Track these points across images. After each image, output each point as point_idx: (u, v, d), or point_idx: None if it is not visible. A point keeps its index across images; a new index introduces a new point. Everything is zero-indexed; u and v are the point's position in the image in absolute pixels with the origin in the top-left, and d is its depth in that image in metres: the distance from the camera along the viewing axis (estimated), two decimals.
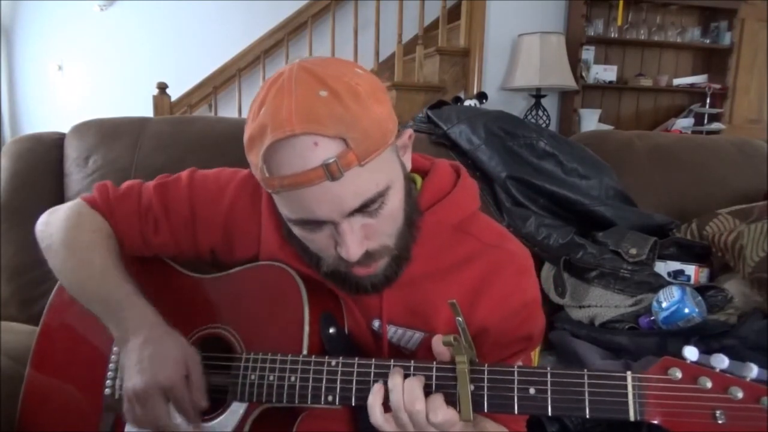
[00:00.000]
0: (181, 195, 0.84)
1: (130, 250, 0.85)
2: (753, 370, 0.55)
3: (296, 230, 0.69)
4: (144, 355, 0.72)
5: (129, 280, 0.79)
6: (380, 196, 0.64)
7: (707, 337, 1.12)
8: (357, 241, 0.65)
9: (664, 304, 1.18)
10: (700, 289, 1.24)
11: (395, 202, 0.67)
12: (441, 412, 0.62)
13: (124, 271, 0.80)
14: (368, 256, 0.68)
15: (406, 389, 0.63)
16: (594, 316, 1.29)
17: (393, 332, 0.79)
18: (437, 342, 0.65)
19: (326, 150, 0.60)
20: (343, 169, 0.60)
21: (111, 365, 0.84)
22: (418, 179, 0.80)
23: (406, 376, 0.65)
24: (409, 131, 0.72)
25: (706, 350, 0.57)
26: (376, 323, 0.79)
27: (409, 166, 0.73)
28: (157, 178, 0.88)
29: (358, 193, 0.63)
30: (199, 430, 0.74)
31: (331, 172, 0.60)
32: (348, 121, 0.60)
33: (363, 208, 0.64)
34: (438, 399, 0.63)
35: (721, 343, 1.11)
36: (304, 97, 0.60)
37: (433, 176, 0.79)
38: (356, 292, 0.73)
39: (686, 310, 1.16)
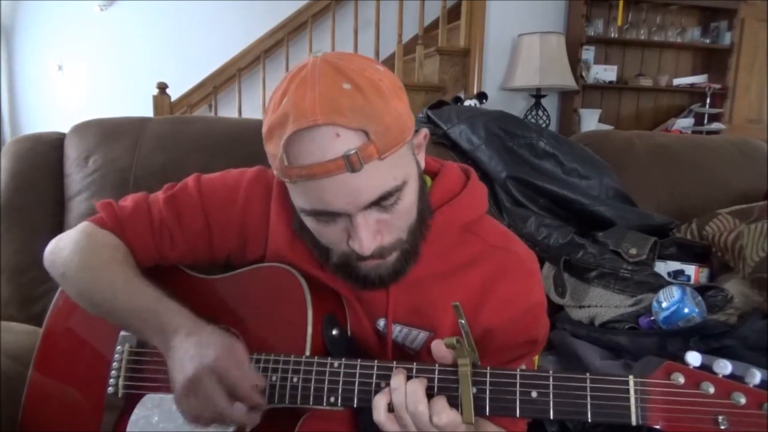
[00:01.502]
0: (193, 204, 0.83)
1: (145, 266, 0.84)
2: (756, 376, 0.55)
3: (309, 222, 0.69)
4: (189, 345, 0.69)
5: (155, 287, 0.77)
6: (397, 190, 0.65)
7: (707, 337, 1.12)
8: (371, 235, 0.65)
9: (664, 304, 1.18)
10: (700, 289, 1.24)
11: (410, 199, 0.68)
12: (445, 414, 0.62)
13: (148, 280, 0.78)
14: (380, 250, 0.68)
15: (408, 391, 0.63)
16: (594, 316, 1.29)
17: (398, 331, 0.79)
18: (437, 346, 0.65)
19: (347, 141, 0.60)
20: (363, 161, 0.60)
21: (114, 364, 0.84)
22: (428, 180, 0.80)
23: (408, 377, 0.65)
24: (425, 131, 0.72)
25: (706, 350, 0.57)
26: (381, 322, 0.79)
27: (423, 164, 0.74)
28: (163, 189, 0.86)
29: (376, 186, 0.63)
30: (262, 408, 0.70)
31: (351, 163, 0.60)
32: (370, 114, 0.60)
33: (379, 202, 0.64)
34: (441, 401, 0.63)
35: (721, 343, 1.10)
36: (328, 89, 0.61)
37: (443, 178, 0.79)
38: (364, 285, 0.72)
39: (686, 310, 1.16)
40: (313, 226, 0.69)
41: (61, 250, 0.83)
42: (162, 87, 3.15)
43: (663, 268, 1.38)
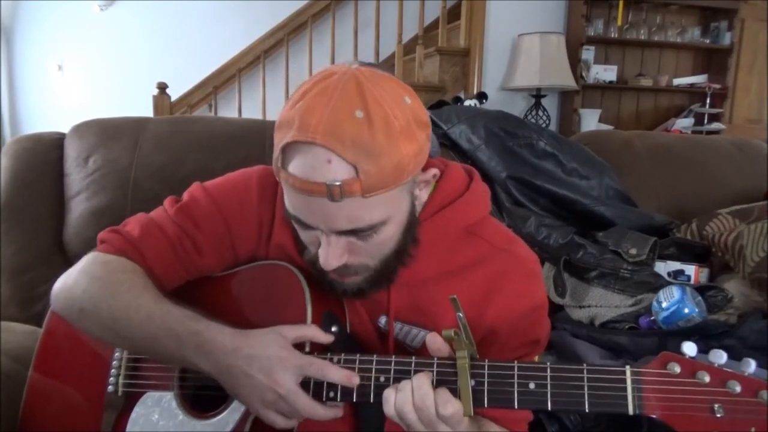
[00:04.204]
0: (209, 212, 0.80)
1: (171, 286, 0.80)
2: (751, 365, 0.56)
3: (291, 220, 0.71)
4: (247, 357, 0.67)
5: (186, 307, 0.74)
6: (372, 228, 0.65)
7: (707, 337, 1.12)
8: (336, 255, 0.67)
9: (664, 304, 1.18)
10: (700, 289, 1.24)
11: (387, 235, 0.68)
12: (450, 404, 0.62)
13: (172, 300, 0.75)
14: (345, 268, 0.69)
15: (415, 385, 0.63)
16: (594, 316, 1.29)
17: (399, 329, 0.80)
18: (433, 339, 0.66)
19: (336, 171, 0.60)
20: (344, 194, 0.61)
21: (114, 362, 0.84)
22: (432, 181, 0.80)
23: (407, 372, 0.66)
24: (435, 171, 0.72)
25: (706, 350, 0.58)
26: (382, 320, 0.80)
27: (424, 199, 0.74)
28: (167, 204, 0.83)
29: (350, 219, 0.64)
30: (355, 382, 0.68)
31: (332, 193, 0.61)
32: (369, 151, 0.60)
33: (352, 232, 0.65)
34: (445, 392, 0.63)
35: (721, 343, 1.11)
36: (339, 111, 0.60)
37: (447, 179, 0.79)
38: (330, 291, 0.74)
39: (686, 310, 1.16)
40: (294, 224, 0.71)
41: (73, 286, 0.78)
42: (162, 87, 3.15)
43: (663, 268, 1.38)
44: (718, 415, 0.55)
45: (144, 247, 0.79)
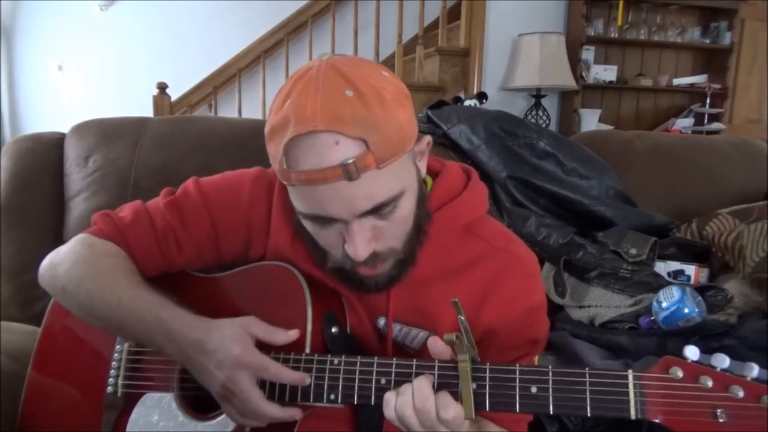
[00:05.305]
0: (197, 207, 0.81)
1: (151, 274, 0.82)
2: (754, 370, 0.56)
3: (307, 224, 0.70)
4: (207, 352, 0.69)
5: (159, 294, 0.75)
6: (393, 200, 0.65)
7: (707, 337, 1.12)
8: (365, 242, 0.66)
9: (664, 304, 1.18)
10: (700, 289, 1.24)
11: (407, 207, 0.68)
12: (452, 408, 0.62)
13: (151, 286, 0.77)
14: (374, 257, 0.68)
15: (415, 388, 0.63)
16: (594, 316, 1.29)
17: (398, 330, 0.79)
18: (434, 342, 0.65)
19: (346, 150, 0.60)
20: (360, 170, 0.61)
21: (113, 363, 0.84)
22: (429, 180, 0.80)
23: (408, 375, 0.65)
24: (428, 138, 0.72)
25: (706, 350, 0.58)
26: (381, 321, 0.80)
27: (424, 171, 0.74)
28: (162, 195, 0.85)
29: (372, 195, 0.63)
30: (306, 382, 0.70)
31: (348, 172, 0.60)
32: (371, 123, 0.61)
33: (375, 211, 0.65)
34: (447, 395, 0.63)
35: (721, 343, 1.11)
36: (330, 95, 0.61)
37: (444, 178, 0.79)
38: (359, 290, 0.73)
39: (686, 310, 1.16)
40: (311, 228, 0.70)
41: (59, 264, 0.80)
42: (162, 87, 3.15)
43: (663, 268, 1.38)
44: (721, 420, 0.55)
45: (131, 235, 0.81)
